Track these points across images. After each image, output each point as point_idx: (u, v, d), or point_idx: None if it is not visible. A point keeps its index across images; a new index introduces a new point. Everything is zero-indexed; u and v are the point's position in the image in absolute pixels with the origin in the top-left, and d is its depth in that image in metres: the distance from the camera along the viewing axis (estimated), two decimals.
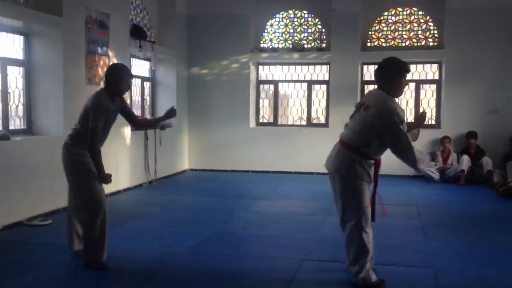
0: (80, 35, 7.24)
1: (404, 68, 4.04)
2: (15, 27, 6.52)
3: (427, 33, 10.54)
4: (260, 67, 11.26)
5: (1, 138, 5.90)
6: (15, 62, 6.65)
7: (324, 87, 10.93)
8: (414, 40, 10.60)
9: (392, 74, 4.02)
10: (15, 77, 6.69)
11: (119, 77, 4.59)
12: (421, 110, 10.66)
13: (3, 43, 6.47)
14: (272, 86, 11.30)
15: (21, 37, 6.74)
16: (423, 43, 10.57)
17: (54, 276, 4.33)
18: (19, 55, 6.75)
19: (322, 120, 10.99)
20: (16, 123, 6.71)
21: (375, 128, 3.88)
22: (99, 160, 4.42)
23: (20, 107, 6.80)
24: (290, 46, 10.98)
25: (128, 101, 8.53)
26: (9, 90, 6.56)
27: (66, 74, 6.92)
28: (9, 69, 6.53)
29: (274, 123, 11.21)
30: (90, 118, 4.39)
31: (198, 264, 4.66)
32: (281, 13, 11.08)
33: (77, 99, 7.14)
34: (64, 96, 6.91)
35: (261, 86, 11.33)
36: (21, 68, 6.77)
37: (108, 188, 7.91)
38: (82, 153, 4.47)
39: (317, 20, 10.94)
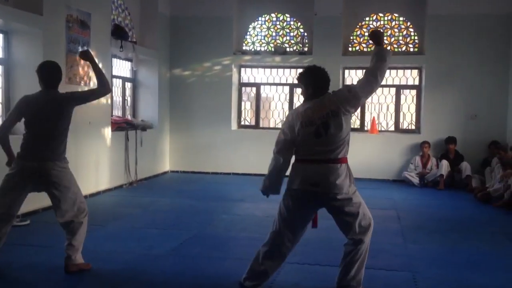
0: (61, 34, 7.16)
1: None
2: None
3: (408, 39, 10.66)
4: (243, 69, 11.26)
5: None
6: None
7: None
8: (395, 46, 10.71)
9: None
10: None
11: None
12: (401, 116, 10.78)
13: None
14: (254, 89, 11.31)
15: (1, 35, 6.65)
16: (403, 48, 10.68)
17: (33, 277, 4.27)
18: None
19: None
20: None
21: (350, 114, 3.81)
22: None
23: None
24: (272, 49, 11.01)
25: (109, 101, 8.49)
26: None
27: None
28: None
29: (256, 126, 11.22)
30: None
31: (179, 266, 4.64)
32: (263, 16, 11.11)
33: None
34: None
35: (243, 88, 11.34)
36: (1, 67, 6.67)
37: (88, 189, 7.88)
38: None
39: (299, 23, 10.99)
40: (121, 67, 9.73)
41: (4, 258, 4.67)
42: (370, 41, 4.30)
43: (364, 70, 10.81)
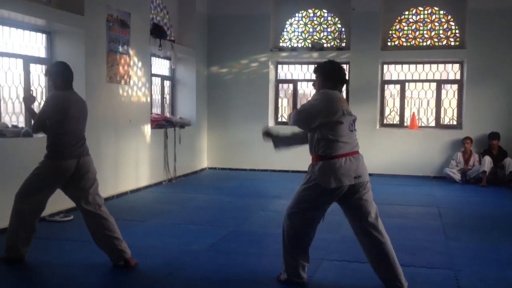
0: (102, 33, 7.31)
1: None
2: (38, 26, 6.62)
3: (449, 33, 10.43)
4: (279, 66, 11.25)
5: (24, 135, 5.98)
6: (37, 60, 6.75)
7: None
8: (435, 40, 10.49)
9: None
10: (38, 75, 6.78)
11: None
12: (442, 111, 10.58)
13: (26, 41, 6.56)
14: (291, 86, 11.28)
15: (44, 35, 6.84)
16: (444, 42, 10.45)
17: (77, 272, 4.38)
18: (42, 53, 6.84)
19: None
20: None
21: None
22: None
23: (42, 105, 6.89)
24: (310, 45, 10.95)
25: (148, 99, 8.63)
26: (32, 88, 6.65)
27: (88, 72, 6.99)
28: (32, 67, 6.63)
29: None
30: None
31: (216, 262, 4.68)
32: (300, 12, 11.06)
33: (98, 97, 7.24)
34: (86, 94, 6.96)
35: (280, 85, 11.32)
36: (44, 66, 6.86)
37: (128, 186, 8.04)
38: None
39: (336, 19, 10.89)
40: (160, 66, 9.87)
41: (48, 253, 4.82)
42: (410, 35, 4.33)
43: (403, 65, 10.60)
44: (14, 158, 5.74)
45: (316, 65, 4.11)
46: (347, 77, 4.12)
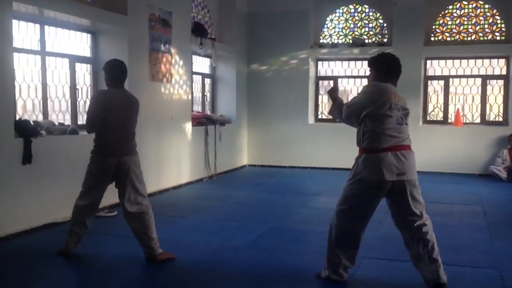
0: (144, 33, 7.44)
1: None
2: (83, 26, 6.80)
3: (494, 27, 10.14)
4: (320, 63, 11.19)
5: (70, 133, 6.16)
6: (82, 60, 6.93)
7: None
8: (480, 34, 10.22)
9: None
10: (83, 74, 6.97)
11: None
12: (487, 107, 10.30)
13: (72, 41, 6.75)
14: (331, 82, 11.19)
15: (89, 35, 7.01)
16: (489, 37, 10.17)
17: (120, 266, 4.49)
18: (87, 52, 7.02)
19: None
20: (84, 118, 6.98)
21: None
22: None
23: (88, 103, 7.07)
24: (350, 42, 10.84)
25: (189, 97, 8.74)
26: (77, 87, 6.84)
27: (131, 71, 7.04)
28: (77, 66, 6.82)
29: (333, 120, 11.08)
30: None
31: (256, 258, 4.71)
32: (341, 8, 10.96)
33: (141, 95, 7.34)
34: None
35: (320, 82, 11.26)
36: (89, 65, 7.05)
37: (170, 182, 8.17)
38: None
39: (378, 14, 10.75)
40: (201, 64, 9.97)
41: (93, 248, 4.96)
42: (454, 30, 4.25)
43: (446, 61, 10.41)
44: (61, 155, 5.91)
45: (370, 58, 4.07)
46: (400, 69, 3.97)
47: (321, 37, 11.07)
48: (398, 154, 3.72)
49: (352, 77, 11.04)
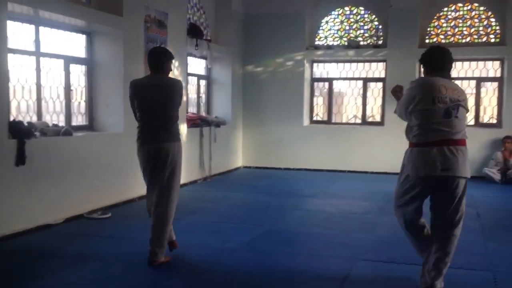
0: (140, 34, 7.43)
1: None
2: (78, 27, 6.78)
3: (489, 29, 10.19)
4: (315, 64, 11.21)
5: (64, 134, 6.14)
6: (77, 60, 6.92)
7: (380, 84, 10.76)
8: (475, 37, 10.26)
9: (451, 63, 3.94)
10: (78, 75, 6.95)
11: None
12: (481, 109, 10.34)
13: (67, 42, 6.74)
14: (326, 84, 11.22)
15: (84, 36, 7.00)
16: (484, 39, 10.22)
17: (113, 269, 4.47)
18: (82, 53, 7.01)
19: (378, 118, 10.82)
20: (78, 120, 6.98)
21: None
22: None
23: (82, 104, 7.06)
24: (346, 43, 10.87)
25: (184, 99, 8.71)
26: (72, 88, 6.82)
27: (126, 72, 7.12)
28: (72, 67, 6.80)
29: (328, 121, 11.14)
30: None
31: (252, 260, 4.71)
32: (336, 10, 10.99)
33: None
34: (124, 94, 7.09)
35: (316, 83, 11.28)
36: (83, 66, 7.03)
37: None
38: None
39: (373, 16, 10.78)
40: (196, 65, 9.97)
41: (87, 250, 4.95)
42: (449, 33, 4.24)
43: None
44: (55, 156, 5.89)
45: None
46: (451, 61, 3.91)
47: (316, 39, 11.09)
48: (444, 149, 3.65)
49: (347, 79, 11.06)
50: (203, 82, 10.26)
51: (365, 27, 10.86)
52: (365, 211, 6.97)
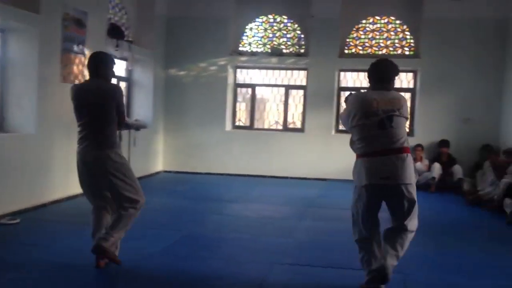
0: (57, 32, 7.16)
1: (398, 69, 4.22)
2: None
3: (404, 42, 10.69)
4: (238, 70, 11.27)
5: None
6: None
7: (301, 92, 11.00)
8: (391, 49, 10.73)
9: (395, 74, 4.15)
10: None
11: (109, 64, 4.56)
12: None
13: None
14: (249, 90, 11.32)
15: None
16: (399, 51, 10.71)
17: (25, 275, 4.27)
18: None
19: (299, 125, 11.05)
20: None
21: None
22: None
23: None
24: (269, 51, 11.02)
25: None
26: None
27: (41, 72, 6.84)
28: None
29: (250, 127, 11.23)
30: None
31: (170, 265, 4.65)
32: (260, 17, 11.12)
33: (51, 97, 7.09)
34: (38, 94, 6.83)
35: (239, 89, 11.34)
36: None
37: (79, 189, 7.85)
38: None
39: (296, 25, 11.01)
40: (117, 66, 9.71)
41: None
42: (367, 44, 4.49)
43: (359, 73, 10.79)
44: None
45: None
46: (389, 73, 4.11)
47: (240, 45, 11.17)
48: (383, 159, 3.80)
49: (270, 86, 11.22)
50: (123, 84, 10.03)
51: (288, 36, 11.07)
52: (284, 216, 7.08)
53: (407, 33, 10.66)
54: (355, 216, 4.07)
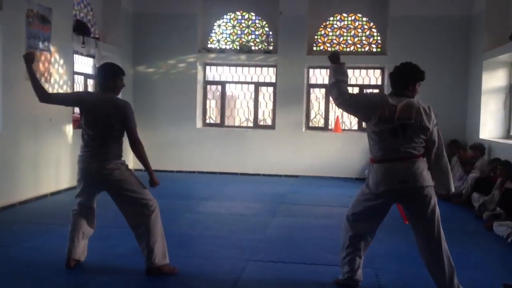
0: (21, 29, 6.99)
1: (418, 73, 4.14)
2: None
3: (371, 39, 10.82)
4: (208, 67, 11.22)
5: None
6: None
7: (271, 89, 11.02)
8: (358, 46, 10.85)
9: (414, 80, 4.07)
10: None
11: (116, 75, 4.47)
12: None
13: None
14: (219, 87, 11.29)
15: None
16: (366, 48, 10.83)
17: None
18: None
19: (269, 122, 11.08)
20: None
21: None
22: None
23: None
24: (238, 48, 11.00)
25: None
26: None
27: (5, 69, 6.67)
28: None
29: (221, 124, 11.20)
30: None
31: (142, 264, 4.58)
32: (228, 14, 11.09)
33: (16, 94, 6.91)
34: (3, 91, 6.66)
35: (208, 86, 11.30)
36: None
37: (48, 188, 7.72)
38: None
39: (264, 22, 11.01)
40: (83, 64, 9.57)
41: None
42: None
43: (327, 70, 10.83)
44: None
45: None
46: (406, 79, 4.08)
47: (209, 42, 11.12)
48: (398, 164, 3.75)
49: (239, 83, 11.20)
50: (90, 82, 9.86)
51: (256, 33, 11.07)
52: (256, 212, 7.08)
53: (374, 30, 10.79)
54: (357, 215, 4.03)
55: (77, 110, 9.09)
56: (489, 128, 9.44)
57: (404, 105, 3.82)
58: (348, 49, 10.86)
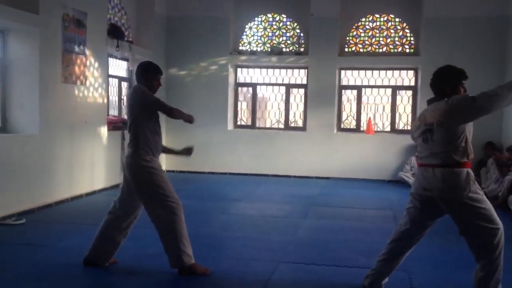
0: (57, 33, 7.15)
1: (453, 74, 4.14)
2: None
3: (404, 40, 10.69)
4: (239, 69, 11.27)
5: None
6: None
7: (302, 91, 10.99)
8: (391, 47, 10.73)
9: (447, 84, 4.06)
10: None
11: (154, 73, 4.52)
12: (397, 116, 10.80)
13: None
14: (250, 89, 11.32)
15: None
16: (399, 49, 10.70)
17: (30, 275, 4.26)
18: None
19: (300, 123, 11.05)
20: None
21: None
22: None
23: None
24: (269, 50, 11.01)
25: (105, 101, 8.48)
26: None
27: (42, 72, 6.83)
28: None
29: (252, 126, 11.23)
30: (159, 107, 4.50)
31: None
32: (260, 16, 11.12)
33: (53, 97, 7.08)
34: (40, 94, 6.83)
35: (240, 88, 11.34)
36: None
37: (83, 188, 7.88)
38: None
39: (295, 24, 11.00)
40: (117, 67, 9.72)
41: (2, 258, 4.68)
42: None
43: (359, 71, 10.80)
44: None
45: None
46: (438, 83, 4.10)
47: (240, 44, 11.17)
48: (425, 170, 3.80)
49: (270, 85, 11.21)
50: (124, 84, 10.02)
51: (288, 34, 11.06)
52: (287, 214, 7.07)
53: (407, 31, 10.65)
54: (403, 218, 4.10)
55: (111, 112, 9.27)
56: None
57: (434, 109, 3.87)
58: (380, 50, 10.75)
